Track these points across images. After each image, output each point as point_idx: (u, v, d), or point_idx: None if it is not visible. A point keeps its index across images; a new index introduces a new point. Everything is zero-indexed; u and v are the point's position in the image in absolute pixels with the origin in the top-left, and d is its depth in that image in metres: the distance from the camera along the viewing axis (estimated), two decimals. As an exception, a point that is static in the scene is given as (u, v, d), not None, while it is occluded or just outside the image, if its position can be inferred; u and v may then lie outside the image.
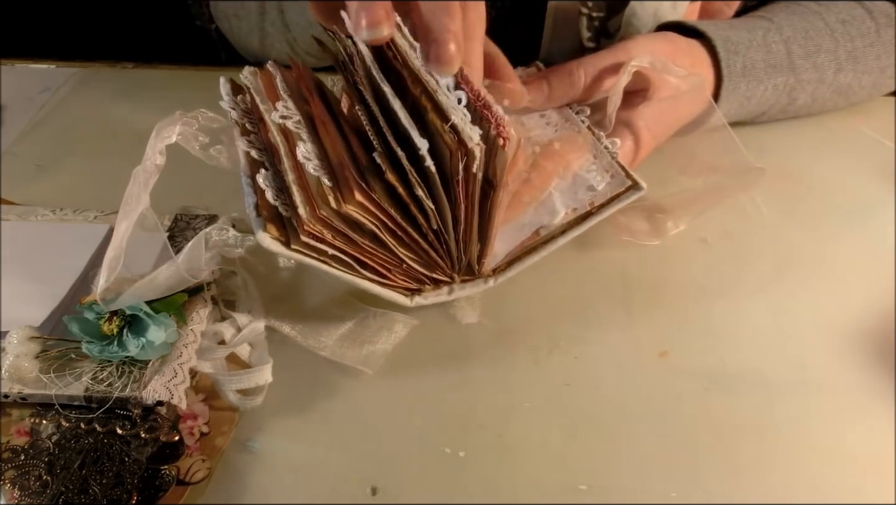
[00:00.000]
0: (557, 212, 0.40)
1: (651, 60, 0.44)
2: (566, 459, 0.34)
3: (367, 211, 0.34)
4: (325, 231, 0.34)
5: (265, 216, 0.35)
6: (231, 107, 0.42)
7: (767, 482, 0.33)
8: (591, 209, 0.40)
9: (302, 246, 0.34)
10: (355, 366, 0.37)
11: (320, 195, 0.33)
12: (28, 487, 0.31)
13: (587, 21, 0.55)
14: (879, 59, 0.55)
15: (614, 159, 0.42)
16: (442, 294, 0.39)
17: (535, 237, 0.40)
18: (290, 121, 0.38)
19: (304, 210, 0.33)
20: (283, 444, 0.35)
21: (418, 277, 0.38)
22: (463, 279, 0.39)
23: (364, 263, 0.36)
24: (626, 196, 0.40)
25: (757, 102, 0.53)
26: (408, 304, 0.38)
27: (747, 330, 0.40)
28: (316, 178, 0.34)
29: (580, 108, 0.46)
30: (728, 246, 0.46)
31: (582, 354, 0.39)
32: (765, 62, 0.52)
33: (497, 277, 0.39)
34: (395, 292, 0.38)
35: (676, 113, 0.47)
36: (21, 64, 0.66)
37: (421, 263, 0.37)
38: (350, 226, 0.34)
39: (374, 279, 0.37)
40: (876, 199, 0.50)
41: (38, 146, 0.55)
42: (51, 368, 0.35)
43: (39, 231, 0.45)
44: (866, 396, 0.37)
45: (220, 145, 0.40)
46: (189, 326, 0.37)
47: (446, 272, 0.38)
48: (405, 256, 0.36)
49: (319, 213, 0.33)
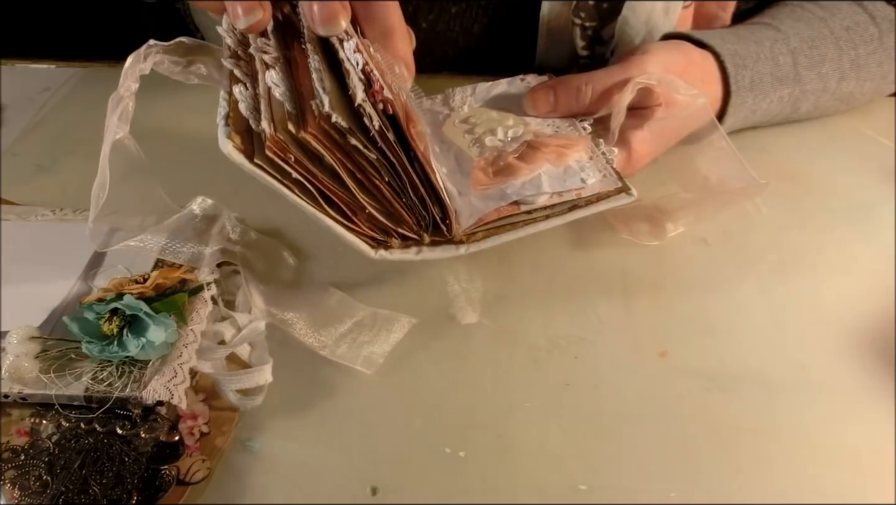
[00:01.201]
0: (543, 190, 0.39)
1: (659, 77, 0.44)
2: (566, 459, 0.34)
3: (323, 145, 0.34)
4: (288, 153, 0.34)
5: (232, 126, 0.35)
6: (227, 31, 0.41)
7: (767, 482, 0.33)
8: (577, 200, 0.40)
9: (264, 161, 0.34)
10: (354, 366, 0.37)
11: (281, 121, 0.34)
12: (28, 487, 0.31)
13: (580, 30, 0.56)
14: (881, 65, 0.55)
15: (609, 164, 0.42)
16: (409, 253, 0.38)
17: (514, 208, 0.39)
18: (267, 55, 0.38)
19: (268, 126, 0.34)
20: (283, 444, 0.35)
21: (384, 228, 0.38)
22: (432, 240, 0.39)
23: (329, 199, 0.36)
24: (615, 197, 0.40)
25: (762, 114, 0.53)
26: (371, 254, 0.38)
27: (747, 330, 0.40)
28: (281, 102, 0.35)
29: (583, 119, 0.46)
30: (728, 246, 0.46)
31: (582, 353, 0.39)
32: (772, 75, 0.51)
33: (470, 244, 0.39)
34: (360, 239, 0.37)
35: (678, 129, 0.47)
36: (21, 64, 0.66)
37: (383, 212, 0.37)
38: (310, 158, 0.34)
39: (338, 219, 0.36)
40: (876, 199, 0.50)
41: (38, 146, 0.55)
42: (51, 368, 0.35)
43: (39, 231, 0.45)
44: (866, 396, 0.37)
45: (200, 64, 0.40)
46: (189, 326, 0.37)
47: (412, 228, 0.38)
48: (366, 201, 0.36)
49: (278, 135, 0.33)
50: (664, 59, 0.47)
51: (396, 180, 0.36)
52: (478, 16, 0.60)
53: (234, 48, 0.41)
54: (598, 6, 0.54)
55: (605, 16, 0.55)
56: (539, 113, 0.47)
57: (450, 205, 0.37)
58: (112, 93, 0.37)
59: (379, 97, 0.34)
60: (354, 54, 0.36)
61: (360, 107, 0.34)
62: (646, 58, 0.47)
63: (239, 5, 0.38)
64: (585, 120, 0.46)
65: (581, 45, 0.56)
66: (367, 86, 0.35)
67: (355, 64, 0.35)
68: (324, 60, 0.37)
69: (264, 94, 0.36)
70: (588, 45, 0.56)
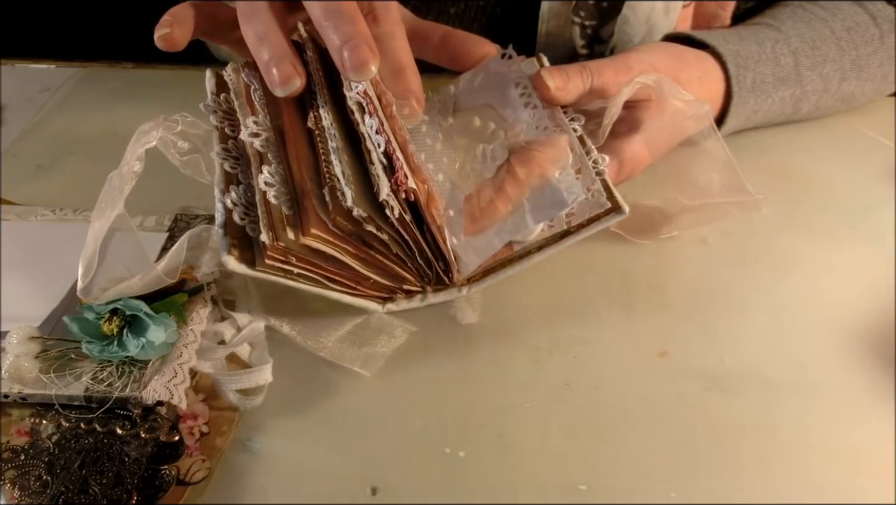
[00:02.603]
0: (529, 227, 0.39)
1: (657, 79, 0.43)
2: (566, 459, 0.34)
3: (326, 242, 0.35)
4: (289, 255, 0.35)
5: (231, 237, 0.35)
6: (213, 109, 0.41)
7: (767, 482, 0.33)
8: (569, 228, 0.39)
9: (266, 267, 0.35)
10: (354, 368, 0.37)
11: (280, 222, 0.34)
12: (28, 487, 0.31)
13: (580, 29, 0.55)
14: (882, 65, 0.55)
15: (599, 176, 0.40)
16: (414, 301, 0.40)
17: (508, 250, 0.40)
18: (258, 139, 0.38)
19: (266, 236, 0.34)
20: (283, 444, 0.35)
21: (389, 288, 0.39)
22: (436, 288, 0.40)
23: (332, 279, 0.37)
24: (605, 219, 0.39)
25: (763, 115, 0.53)
26: (379, 310, 0.39)
27: (747, 330, 0.40)
28: (277, 206, 0.35)
29: (575, 116, 0.43)
30: (728, 246, 0.46)
31: (581, 353, 0.39)
32: (773, 76, 0.51)
33: (471, 286, 0.40)
34: (367, 301, 0.39)
35: (674, 136, 0.46)
36: (21, 64, 0.66)
37: (388, 277, 0.38)
38: (312, 253, 0.35)
39: (344, 291, 0.38)
40: (876, 199, 0.50)
41: (38, 146, 0.55)
42: (51, 368, 0.35)
43: (39, 231, 0.45)
44: (866, 396, 0.37)
45: (197, 154, 0.40)
46: (189, 326, 0.37)
47: (416, 284, 0.39)
48: (371, 273, 0.37)
49: (278, 243, 0.34)
50: (650, 59, 0.47)
51: (405, 251, 0.37)
52: (477, 16, 0.60)
53: (221, 125, 0.41)
54: (598, 5, 0.54)
55: (605, 15, 0.55)
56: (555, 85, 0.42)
57: (453, 261, 0.38)
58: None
59: (402, 187, 0.35)
60: (377, 136, 0.36)
61: (384, 201, 0.34)
62: (632, 56, 0.46)
63: (276, 70, 0.37)
64: (576, 120, 0.43)
65: (580, 44, 0.56)
66: (389, 171, 0.35)
67: (377, 145, 0.35)
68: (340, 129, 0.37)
69: (260, 198, 0.36)
70: (587, 44, 0.56)
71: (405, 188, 0.35)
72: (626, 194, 0.40)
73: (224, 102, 0.42)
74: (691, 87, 0.48)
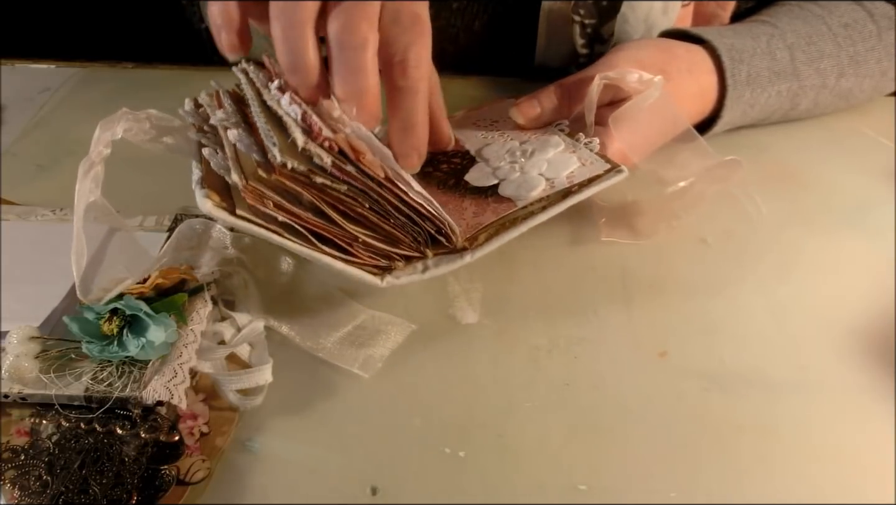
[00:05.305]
0: (534, 186, 0.39)
1: (618, 72, 0.44)
2: (566, 459, 0.34)
3: (297, 182, 0.34)
4: (265, 199, 0.34)
5: (208, 186, 0.35)
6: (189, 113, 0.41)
7: (767, 482, 0.33)
8: (571, 187, 0.39)
9: (246, 211, 0.34)
10: (352, 369, 0.37)
11: (251, 172, 0.34)
12: (28, 487, 0.31)
13: (580, 28, 0.56)
14: (880, 62, 0.55)
15: (593, 152, 0.41)
16: (416, 273, 0.37)
17: (510, 206, 0.39)
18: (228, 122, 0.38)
19: (239, 178, 0.33)
20: (283, 444, 0.35)
21: (384, 253, 0.37)
22: (436, 253, 0.38)
23: (321, 237, 0.35)
24: (607, 177, 0.39)
25: (760, 110, 0.53)
26: (379, 283, 0.36)
27: (747, 330, 0.40)
28: (247, 155, 0.34)
29: (559, 122, 0.46)
30: (728, 246, 0.46)
31: (582, 353, 0.39)
32: (769, 70, 0.51)
33: (474, 250, 0.38)
34: (363, 271, 0.36)
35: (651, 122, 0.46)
36: (21, 64, 0.66)
37: (377, 237, 0.36)
38: (289, 200, 0.34)
39: (335, 254, 0.36)
40: (876, 199, 0.50)
41: (38, 146, 0.55)
42: (51, 368, 0.35)
43: (39, 231, 0.45)
44: (866, 396, 0.37)
45: (169, 136, 0.40)
46: (189, 326, 0.37)
47: (411, 246, 0.37)
48: (357, 231, 0.36)
49: (250, 184, 0.33)
50: (636, 55, 0.47)
51: (376, 204, 0.35)
52: (478, 12, 0.60)
53: (199, 125, 0.41)
54: (598, 4, 0.54)
55: (605, 14, 0.55)
56: (527, 118, 0.46)
57: (439, 215, 0.37)
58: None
59: (320, 139, 0.34)
60: (291, 106, 0.35)
61: (304, 150, 0.33)
62: (618, 54, 0.47)
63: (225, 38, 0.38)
64: (561, 124, 0.46)
65: (580, 42, 0.56)
66: (307, 132, 0.34)
67: (294, 116, 0.35)
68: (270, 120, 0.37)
69: (231, 154, 0.36)
70: (587, 43, 0.57)
71: (322, 138, 0.34)
72: (611, 196, 0.39)
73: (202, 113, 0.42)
74: (680, 78, 0.48)
